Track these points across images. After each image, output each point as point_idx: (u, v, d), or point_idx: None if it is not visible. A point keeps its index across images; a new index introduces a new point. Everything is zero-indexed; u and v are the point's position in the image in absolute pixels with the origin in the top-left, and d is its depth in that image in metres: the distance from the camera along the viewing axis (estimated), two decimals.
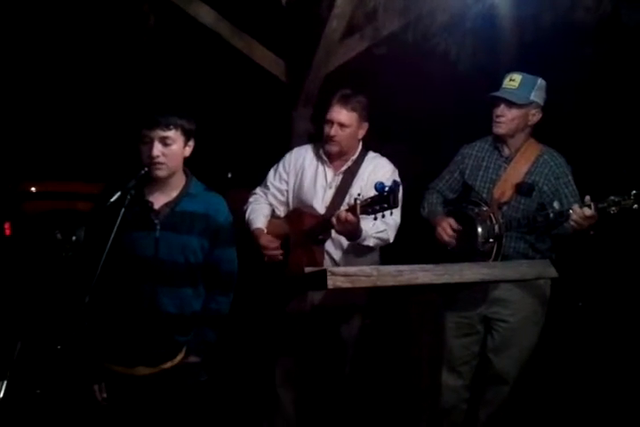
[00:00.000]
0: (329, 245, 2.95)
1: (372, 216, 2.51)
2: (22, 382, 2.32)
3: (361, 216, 2.60)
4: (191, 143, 2.44)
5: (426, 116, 5.44)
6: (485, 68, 4.12)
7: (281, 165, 3.15)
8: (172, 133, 2.35)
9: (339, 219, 2.64)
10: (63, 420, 2.57)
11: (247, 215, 3.08)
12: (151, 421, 2.41)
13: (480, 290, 2.95)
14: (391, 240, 2.95)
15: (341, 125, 2.92)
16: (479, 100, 3.05)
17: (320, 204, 3.00)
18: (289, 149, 3.23)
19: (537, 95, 2.94)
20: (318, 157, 3.07)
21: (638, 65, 4.75)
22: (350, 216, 2.59)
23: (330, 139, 2.95)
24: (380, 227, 2.81)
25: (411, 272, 2.37)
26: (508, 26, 4.22)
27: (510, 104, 2.91)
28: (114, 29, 4.34)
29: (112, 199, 2.29)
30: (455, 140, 3.35)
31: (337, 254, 2.96)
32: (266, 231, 3.02)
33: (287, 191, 3.12)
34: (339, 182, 3.01)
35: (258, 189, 3.16)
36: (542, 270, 2.60)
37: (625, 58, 4.73)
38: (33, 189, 7.04)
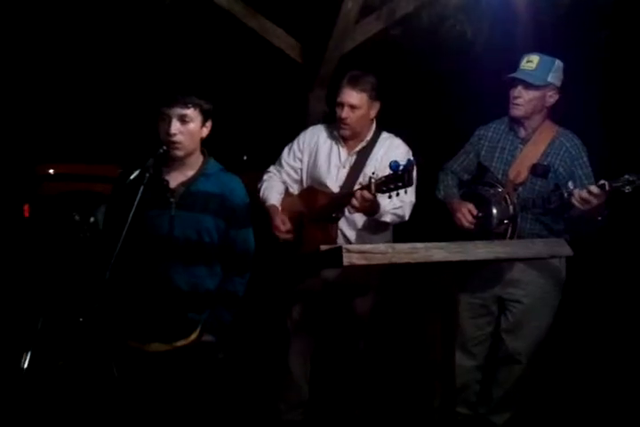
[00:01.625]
0: (342, 224, 2.97)
1: (387, 194, 2.54)
2: (45, 354, 2.38)
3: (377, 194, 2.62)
4: (208, 124, 2.47)
5: (440, 99, 5.42)
6: (501, 48, 4.10)
7: (295, 143, 3.17)
8: (190, 112, 2.38)
9: (355, 196, 2.67)
10: (81, 393, 2.63)
11: (262, 192, 3.11)
12: (164, 397, 2.46)
13: (494, 271, 2.97)
14: (407, 218, 2.96)
15: (352, 107, 2.92)
16: (495, 82, 3.05)
17: (334, 182, 3.01)
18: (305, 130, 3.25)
19: (554, 77, 2.92)
20: (333, 137, 3.09)
21: None
22: (366, 193, 2.62)
23: (342, 121, 2.96)
24: (397, 203, 2.83)
25: (426, 250, 2.37)
26: (524, 6, 4.18)
27: (527, 85, 2.90)
28: (130, 9, 4.36)
29: (131, 177, 2.33)
30: (472, 121, 3.35)
31: (350, 233, 2.99)
32: (280, 209, 3.05)
33: (301, 170, 3.13)
34: (352, 162, 3.02)
35: (272, 168, 3.19)
36: (557, 249, 2.60)
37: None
38: (51, 171, 7.09)
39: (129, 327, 2.45)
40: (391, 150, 3.01)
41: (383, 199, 2.71)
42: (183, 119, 2.38)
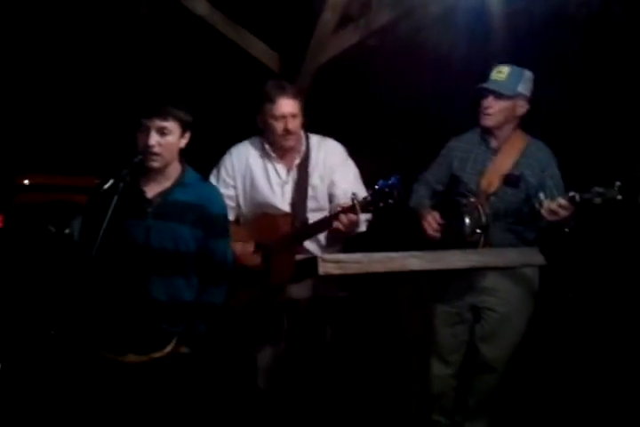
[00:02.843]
0: (306, 242, 2.89)
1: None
2: (18, 367, 2.35)
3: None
4: (187, 135, 2.47)
5: (417, 109, 5.46)
6: (477, 60, 4.15)
7: (222, 170, 2.99)
8: (169, 124, 2.38)
9: (340, 222, 2.60)
10: (55, 404, 2.59)
11: None
12: (140, 409, 2.43)
13: (468, 279, 2.98)
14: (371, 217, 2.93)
15: (293, 116, 2.82)
16: (469, 93, 3.08)
17: (281, 201, 2.91)
18: None
19: (524, 87, 2.96)
20: (264, 155, 2.95)
21: (627, 58, 4.78)
22: (352, 217, 2.57)
23: (288, 133, 2.83)
24: None
25: (401, 259, 2.39)
26: (500, 18, 4.24)
27: (498, 96, 2.93)
28: (106, 19, 4.35)
29: (105, 187, 2.32)
30: (447, 131, 3.38)
31: (313, 247, 2.91)
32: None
33: (237, 196, 2.97)
34: (295, 177, 2.92)
35: None
36: (530, 258, 2.64)
37: (614, 52, 4.76)
38: (26, 181, 7.02)
39: (104, 339, 2.43)
40: (329, 153, 2.94)
41: None
42: (162, 131, 2.38)
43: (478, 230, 2.91)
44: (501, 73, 2.95)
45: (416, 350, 2.64)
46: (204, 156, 3.11)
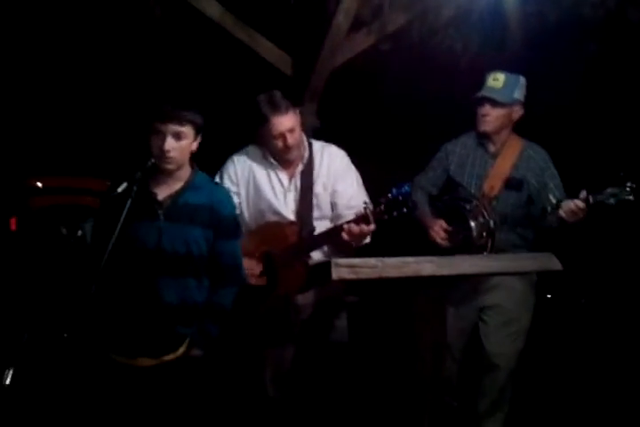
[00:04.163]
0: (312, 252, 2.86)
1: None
2: (29, 370, 2.34)
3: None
4: (199, 138, 2.48)
5: (431, 112, 5.44)
6: (491, 63, 4.13)
7: (226, 177, 2.94)
8: (185, 129, 2.40)
9: (351, 232, 2.57)
10: (67, 409, 2.59)
11: None
12: (152, 412, 2.43)
13: (475, 280, 3.02)
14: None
15: (291, 131, 2.77)
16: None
17: (285, 209, 2.87)
18: None
19: (520, 93, 3.05)
20: (266, 163, 2.91)
21: None
22: (364, 227, 2.55)
23: (291, 148, 2.79)
24: None
25: (416, 264, 2.37)
26: (514, 21, 4.22)
27: (495, 103, 3.00)
28: (119, 21, 4.36)
29: (119, 190, 2.32)
30: (461, 134, 3.37)
31: (319, 257, 2.86)
32: None
33: (240, 203, 2.94)
34: (299, 184, 2.88)
35: None
36: (546, 263, 2.60)
37: (629, 54, 4.73)
38: (39, 184, 7.05)
39: (117, 342, 2.43)
40: (332, 161, 2.91)
41: None
42: (178, 136, 2.39)
43: (485, 234, 2.95)
44: (497, 80, 3.02)
45: (430, 357, 2.61)
46: (217, 159, 3.11)
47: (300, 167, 2.89)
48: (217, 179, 2.97)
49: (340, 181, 2.88)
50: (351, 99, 5.56)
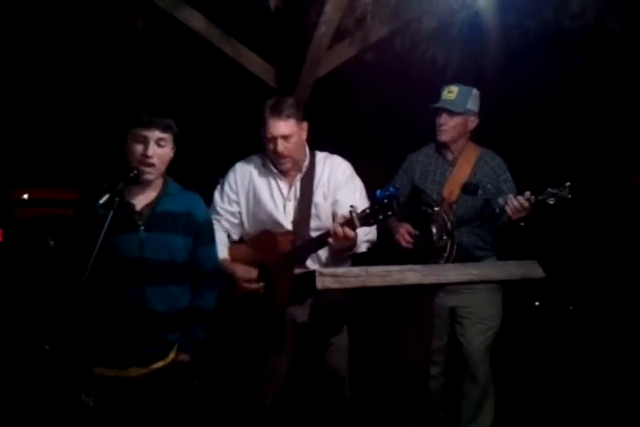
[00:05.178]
0: (308, 262, 2.86)
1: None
2: (10, 382, 2.33)
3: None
4: (175, 147, 2.50)
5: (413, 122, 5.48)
6: (472, 74, 4.17)
7: (226, 186, 2.96)
8: (167, 136, 2.43)
9: (336, 235, 2.55)
10: (54, 424, 2.57)
11: None
12: (144, 423, 2.43)
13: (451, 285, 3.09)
14: (376, 239, 2.93)
15: (285, 138, 2.77)
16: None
17: (284, 219, 2.87)
18: None
19: (473, 104, 3.25)
20: (267, 171, 2.92)
21: (623, 71, 4.81)
22: (349, 231, 2.53)
23: (280, 156, 2.80)
24: (367, 229, 2.73)
25: (399, 272, 2.37)
26: (495, 33, 4.27)
27: (451, 113, 3.20)
28: (102, 33, 4.36)
29: (100, 202, 2.31)
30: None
31: (315, 268, 2.84)
32: (230, 260, 2.87)
33: (240, 213, 2.94)
34: (298, 193, 2.87)
35: None
36: (529, 271, 2.62)
37: (610, 64, 4.79)
38: (25, 196, 7.04)
39: (105, 355, 2.42)
40: (334, 170, 2.90)
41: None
42: (159, 143, 2.41)
43: (445, 236, 3.13)
44: (451, 93, 3.23)
45: (415, 365, 2.61)
46: (202, 170, 3.11)
47: (299, 176, 2.89)
48: (218, 187, 3.00)
49: (340, 191, 2.88)
50: (335, 108, 5.60)
